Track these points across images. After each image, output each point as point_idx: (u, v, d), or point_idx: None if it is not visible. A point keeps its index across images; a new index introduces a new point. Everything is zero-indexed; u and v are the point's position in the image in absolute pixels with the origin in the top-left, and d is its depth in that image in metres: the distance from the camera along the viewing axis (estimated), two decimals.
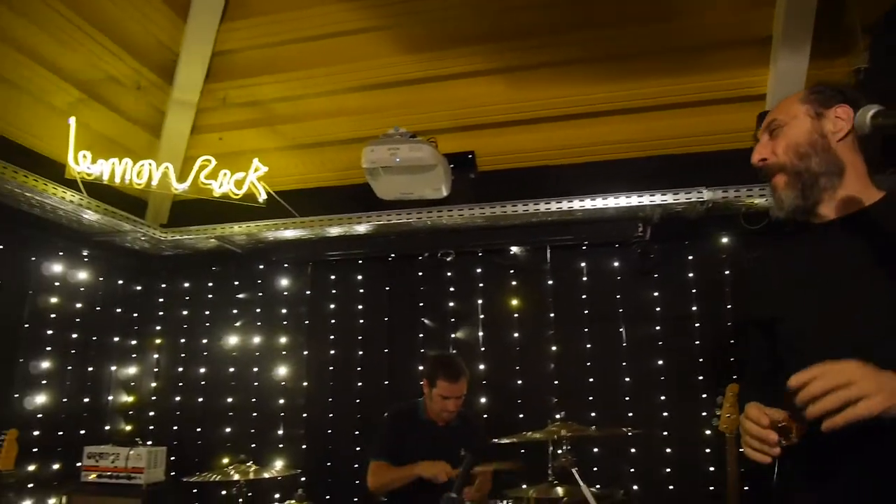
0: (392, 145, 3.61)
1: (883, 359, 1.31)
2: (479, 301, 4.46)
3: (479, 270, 4.49)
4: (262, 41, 4.26)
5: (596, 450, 4.06)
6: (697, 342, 4.06)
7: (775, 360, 1.64)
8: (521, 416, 4.20)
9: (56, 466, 4.24)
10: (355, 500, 4.16)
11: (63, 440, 4.32)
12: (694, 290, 4.14)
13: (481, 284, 4.48)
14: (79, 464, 4.19)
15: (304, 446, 4.58)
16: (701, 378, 4.01)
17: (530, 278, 4.41)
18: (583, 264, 4.35)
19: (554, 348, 4.27)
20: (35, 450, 4.08)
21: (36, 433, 4.10)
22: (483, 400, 4.29)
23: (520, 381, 4.28)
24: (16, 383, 4.02)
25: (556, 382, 4.23)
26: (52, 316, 4.31)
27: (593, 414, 4.12)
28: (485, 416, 4.23)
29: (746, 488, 3.41)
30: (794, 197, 1.60)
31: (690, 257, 4.18)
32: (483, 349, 4.38)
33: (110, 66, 4.08)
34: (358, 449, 4.39)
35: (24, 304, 4.11)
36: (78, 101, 4.06)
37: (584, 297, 4.30)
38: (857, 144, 1.61)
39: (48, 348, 4.26)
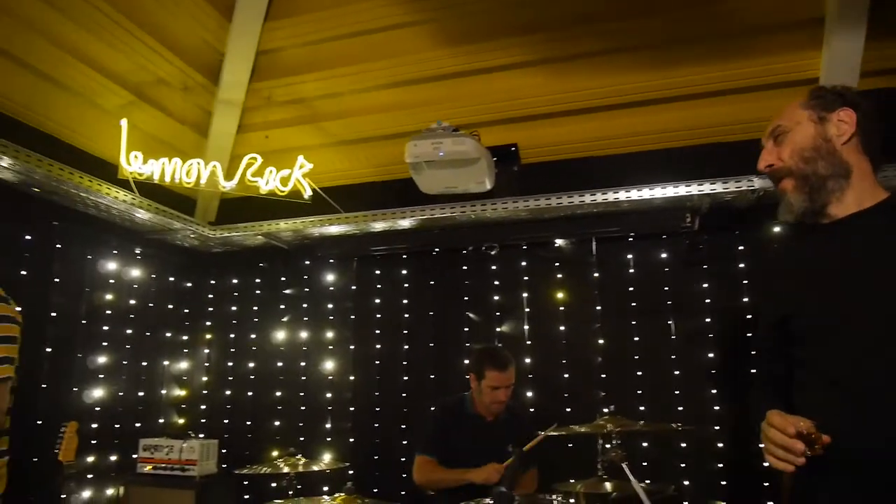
0: (435, 139, 3.60)
1: (891, 357, 1.36)
2: (524, 294, 4.43)
3: (523, 264, 4.46)
4: (304, 39, 4.30)
5: (645, 444, 3.99)
6: (749, 334, 3.96)
7: (787, 360, 1.65)
8: (567, 409, 4.17)
9: (113, 458, 4.38)
10: (402, 493, 4.18)
11: (120, 433, 4.46)
12: (745, 281, 4.03)
13: (526, 278, 4.45)
14: (135, 455, 4.30)
15: (351, 440, 4.62)
16: (754, 371, 3.91)
17: (576, 271, 4.36)
18: (629, 256, 4.28)
19: (601, 341, 4.21)
20: (94, 442, 4.22)
21: (94, 426, 4.24)
22: (529, 394, 4.27)
23: (566, 375, 4.24)
24: (74, 377, 4.16)
25: (603, 376, 4.17)
26: (108, 312, 4.44)
27: (642, 408, 4.05)
28: (531, 409, 4.21)
29: None
30: (802, 200, 1.64)
31: (741, 247, 4.07)
32: (529, 343, 4.35)
33: (158, 68, 4.17)
34: (405, 443, 4.42)
35: (81, 301, 4.24)
36: (128, 103, 4.16)
37: (630, 289, 4.23)
38: (862, 146, 1.64)
39: (104, 343, 4.39)
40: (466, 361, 4.35)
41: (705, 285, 4.12)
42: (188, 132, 4.59)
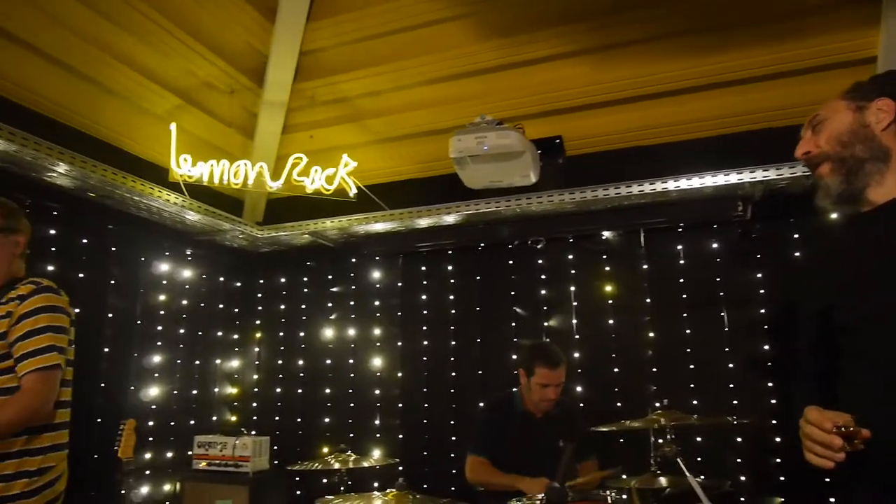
0: (479, 133, 3.58)
1: None
2: (572, 288, 4.38)
3: (570, 257, 4.41)
4: (346, 38, 4.33)
5: (699, 439, 3.90)
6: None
7: (830, 353, 1.61)
8: (618, 404, 4.10)
9: (169, 455, 4.49)
10: (452, 489, 4.18)
11: (175, 430, 4.56)
12: (801, 270, 3.91)
13: (573, 271, 4.39)
14: (190, 452, 4.40)
15: (400, 436, 4.64)
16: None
17: (624, 263, 4.29)
18: (679, 247, 4.18)
19: (651, 335, 4.13)
20: (150, 439, 4.32)
21: (150, 423, 4.34)
22: (579, 388, 4.22)
23: (616, 369, 4.18)
24: (131, 376, 4.27)
25: (654, 370, 4.09)
26: (161, 312, 4.55)
27: (695, 402, 3.96)
28: (581, 404, 4.16)
29: None
30: (839, 182, 1.64)
31: (796, 235, 3.94)
32: (577, 337, 4.30)
33: (205, 72, 4.25)
34: (454, 439, 4.42)
35: (136, 302, 4.35)
36: (177, 108, 4.25)
37: (681, 281, 4.14)
38: None
39: (158, 343, 4.50)
40: (514, 357, 4.34)
41: (759, 275, 4.01)
42: (235, 134, 4.67)
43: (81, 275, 3.94)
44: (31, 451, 2.11)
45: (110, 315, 4.12)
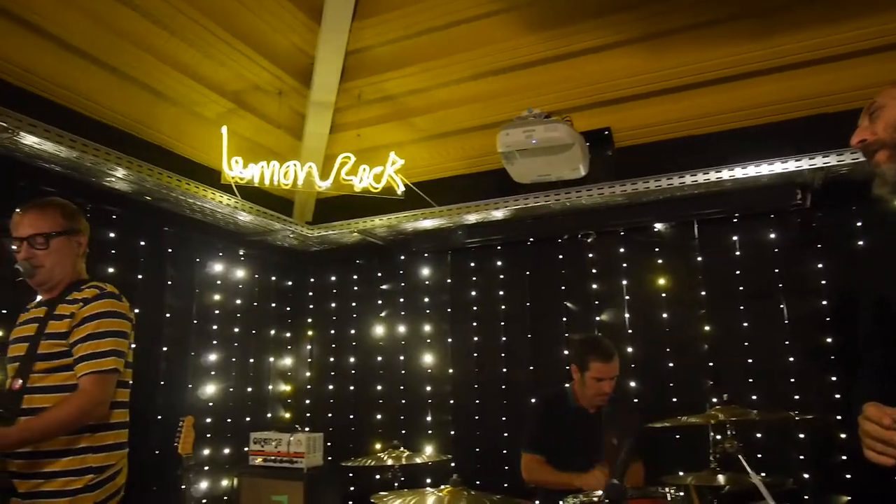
0: (527, 127, 3.55)
1: None
2: (624, 282, 4.31)
3: (621, 250, 4.34)
4: (391, 36, 4.33)
5: (759, 435, 3.80)
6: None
7: (889, 348, 1.59)
8: (674, 399, 4.03)
9: (227, 451, 4.59)
10: (505, 485, 4.16)
11: (231, 427, 4.66)
12: (865, 260, 3.76)
13: (625, 264, 4.32)
14: (246, 448, 4.48)
15: (452, 432, 4.64)
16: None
17: (677, 255, 4.20)
18: (735, 238, 4.08)
19: (707, 328, 4.04)
20: (208, 435, 4.43)
21: (208, 420, 4.45)
22: (632, 384, 4.15)
23: (671, 364, 4.09)
24: (189, 374, 4.38)
25: (710, 364, 4.00)
26: (216, 312, 4.65)
27: (754, 397, 3.86)
28: (635, 400, 4.09)
29: None
30: None
31: (859, 223, 3.80)
32: (630, 331, 4.23)
33: (254, 75, 4.31)
34: (505, 435, 4.40)
35: (192, 302, 4.46)
36: (227, 111, 4.33)
37: (737, 272, 4.03)
38: None
39: (214, 342, 4.61)
40: (566, 352, 4.29)
41: (820, 265, 3.88)
42: (283, 135, 4.73)
43: (140, 276, 4.06)
44: (94, 449, 2.19)
45: (168, 315, 4.24)
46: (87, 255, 2.48)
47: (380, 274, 5.14)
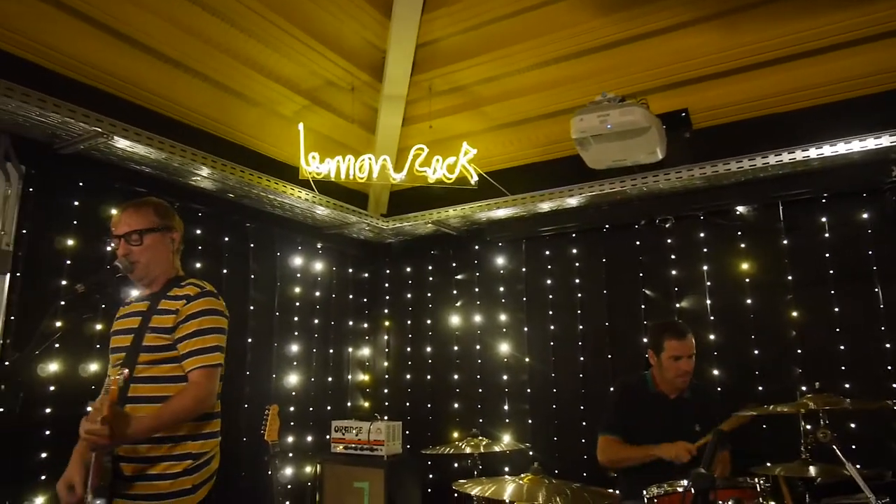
0: (601, 112, 3.48)
1: None
2: (705, 267, 4.18)
3: (702, 235, 4.21)
4: (460, 27, 4.34)
5: (853, 425, 3.62)
6: None
7: None
8: (759, 388, 3.89)
9: (309, 438, 4.73)
10: (584, 474, 4.13)
11: (313, 415, 4.80)
12: None
13: (706, 249, 4.19)
14: (328, 436, 4.61)
15: (529, 421, 4.63)
16: None
17: (761, 239, 4.04)
18: (823, 219, 3.89)
19: (794, 314, 3.87)
20: (292, 424, 4.58)
21: (291, 409, 4.60)
22: (715, 372, 4.03)
23: (756, 352, 3.95)
24: (273, 365, 4.53)
25: (798, 351, 3.84)
26: (297, 304, 4.79)
27: (847, 385, 3.68)
28: (718, 388, 3.98)
29: None
30: None
31: None
32: (712, 318, 4.10)
33: (327, 72, 4.41)
34: (584, 424, 4.35)
35: (275, 295, 4.60)
36: (303, 108, 4.45)
37: (826, 255, 3.85)
38: None
39: (295, 333, 4.75)
40: (644, 340, 4.20)
41: None
42: (357, 129, 4.81)
43: (225, 270, 4.22)
44: (193, 436, 2.31)
45: (252, 308, 4.39)
46: (181, 249, 2.59)
47: (454, 264, 5.17)
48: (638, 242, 4.41)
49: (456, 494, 3.13)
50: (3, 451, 3.01)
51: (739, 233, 4.11)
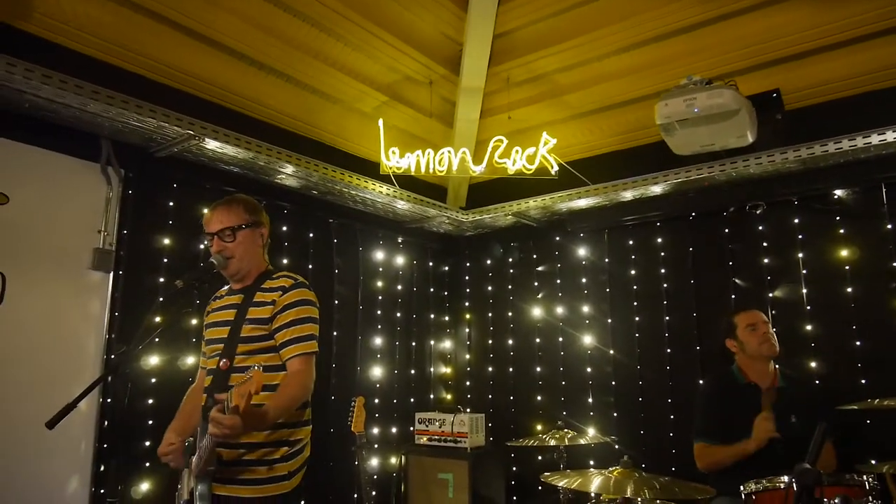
0: (688, 96, 3.37)
1: None
2: (800, 255, 3.99)
3: (796, 221, 4.01)
4: (537, 15, 4.29)
5: None
6: None
7: None
8: (863, 381, 3.68)
9: (394, 430, 4.81)
10: (672, 468, 4.02)
11: (397, 407, 4.87)
12: None
13: (801, 236, 4.00)
14: (412, 428, 4.67)
15: (614, 414, 4.55)
16: None
17: (862, 224, 3.81)
18: None
19: None
20: (377, 415, 4.66)
21: (376, 401, 4.68)
22: (812, 364, 3.84)
23: (858, 343, 3.74)
24: (357, 357, 4.62)
25: None
26: (380, 297, 4.87)
27: None
28: (816, 381, 3.79)
29: None
30: None
31: None
32: (808, 308, 3.91)
33: (405, 67, 4.44)
34: (672, 417, 4.24)
35: (358, 288, 4.69)
36: (382, 104, 4.51)
37: None
38: None
39: (379, 326, 4.83)
40: None
41: None
42: (435, 123, 4.84)
43: (310, 265, 4.33)
44: (288, 425, 2.38)
45: (336, 302, 4.49)
46: (269, 244, 2.67)
47: (535, 255, 5.12)
48: (727, 230, 4.25)
49: (541, 487, 3.11)
50: (115, 440, 3.21)
51: (838, 218, 3.89)
